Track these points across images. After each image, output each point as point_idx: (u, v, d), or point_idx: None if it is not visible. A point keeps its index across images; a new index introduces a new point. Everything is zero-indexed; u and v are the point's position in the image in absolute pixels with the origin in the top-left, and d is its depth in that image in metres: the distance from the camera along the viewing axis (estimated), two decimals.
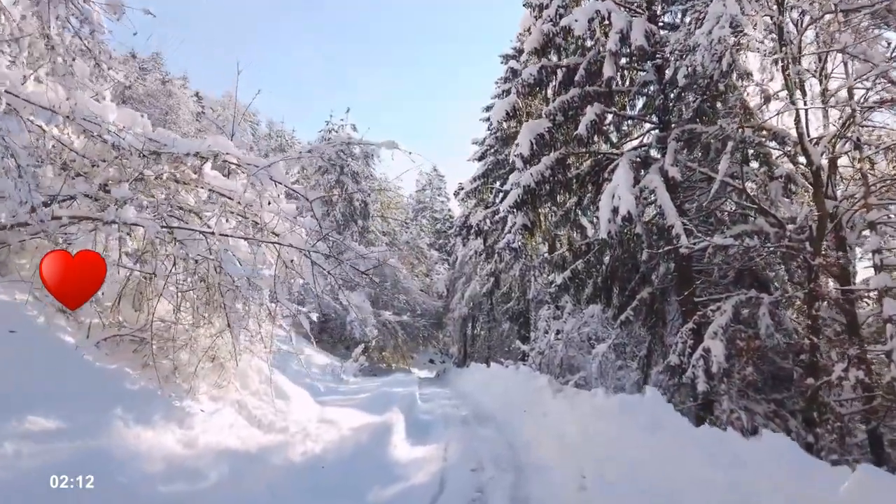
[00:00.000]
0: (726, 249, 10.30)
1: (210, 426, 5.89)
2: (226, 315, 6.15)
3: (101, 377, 5.27)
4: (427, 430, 10.47)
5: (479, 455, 8.02)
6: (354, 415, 9.18)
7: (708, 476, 4.64)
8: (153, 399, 5.52)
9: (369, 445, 7.07)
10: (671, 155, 10.14)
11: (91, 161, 5.78)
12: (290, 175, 6.38)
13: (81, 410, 4.67)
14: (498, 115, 12.52)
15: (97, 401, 4.96)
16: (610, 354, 14.75)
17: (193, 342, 6.37)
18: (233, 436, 6.12)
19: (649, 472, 5.25)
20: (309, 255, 6.04)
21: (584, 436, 6.86)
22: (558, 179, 11.65)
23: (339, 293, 6.78)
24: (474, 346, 34.51)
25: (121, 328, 6.12)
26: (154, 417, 5.22)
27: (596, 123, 10.87)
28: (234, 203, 6.06)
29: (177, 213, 6.02)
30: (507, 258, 26.77)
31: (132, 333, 6.08)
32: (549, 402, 9.84)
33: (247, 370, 7.41)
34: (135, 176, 5.41)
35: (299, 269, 6.39)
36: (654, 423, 5.72)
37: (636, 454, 5.49)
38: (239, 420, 6.61)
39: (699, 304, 10.89)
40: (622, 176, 9.76)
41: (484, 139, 28.96)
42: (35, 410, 4.32)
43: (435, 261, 47.66)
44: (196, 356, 6.38)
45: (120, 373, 5.56)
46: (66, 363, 5.23)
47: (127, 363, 5.86)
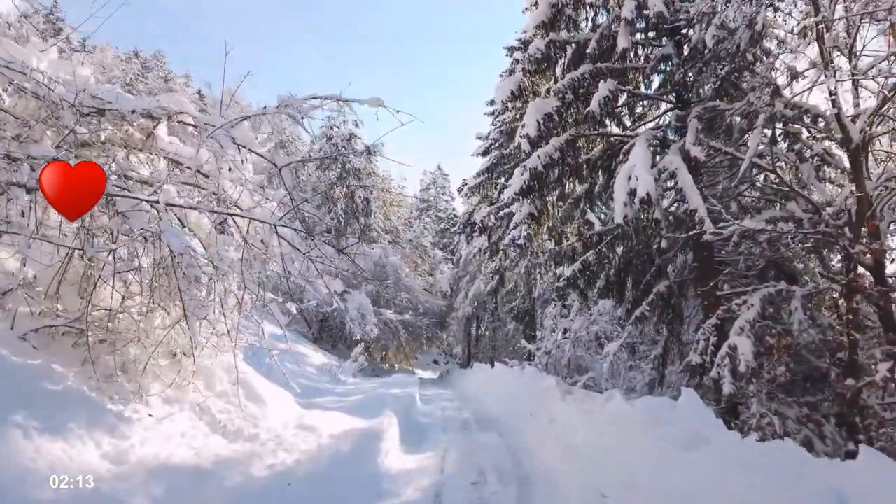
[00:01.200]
0: (753, 238, 9.36)
1: (154, 435, 4.96)
2: (182, 302, 5.24)
3: (12, 375, 4.35)
4: (424, 436, 9.58)
5: (480, 465, 7.11)
6: (341, 419, 8.23)
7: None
8: (78, 402, 4.56)
9: (352, 455, 6.11)
10: (693, 133, 9.18)
11: (23, 120, 4.89)
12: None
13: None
14: (502, 95, 11.54)
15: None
16: (622, 354, 13.86)
17: (144, 335, 5.46)
18: (184, 446, 5.18)
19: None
20: (276, 229, 5.09)
21: (601, 448, 5.86)
22: (568, 163, 10.68)
23: (320, 280, 5.81)
24: (478, 346, 33.87)
25: (55, 318, 5.21)
26: (70, 425, 4.27)
27: (609, 100, 9.91)
28: (185, 169, 5.15)
29: (127, 185, 5.12)
30: (513, 255, 25.97)
31: (68, 324, 5.15)
32: (557, 406, 8.90)
33: (213, 368, 6.48)
34: (65, 134, 4.52)
35: (271, 249, 5.45)
36: (695, 436, 4.66)
37: (676, 478, 4.34)
38: (198, 427, 5.68)
39: (722, 298, 9.95)
40: (639, 155, 8.81)
41: (488, 134, 28.21)
42: None
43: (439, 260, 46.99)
44: (147, 351, 5.47)
45: (42, 370, 4.63)
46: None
47: (60, 359, 4.95)
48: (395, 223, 40.59)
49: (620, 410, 6.29)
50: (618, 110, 11.70)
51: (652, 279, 11.43)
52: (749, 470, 3.82)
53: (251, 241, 5.43)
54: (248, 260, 5.57)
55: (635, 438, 5.28)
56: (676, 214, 11.03)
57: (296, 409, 8.36)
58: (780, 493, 3.51)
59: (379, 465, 6.31)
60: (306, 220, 5.65)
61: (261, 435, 6.25)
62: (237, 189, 5.34)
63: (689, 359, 9.63)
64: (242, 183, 5.24)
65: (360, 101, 4.97)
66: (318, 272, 5.69)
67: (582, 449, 6.21)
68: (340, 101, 4.99)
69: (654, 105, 12.23)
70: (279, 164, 5.13)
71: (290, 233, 5.46)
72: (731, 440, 4.53)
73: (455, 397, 17.37)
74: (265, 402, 7.18)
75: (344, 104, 5.02)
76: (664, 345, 11.94)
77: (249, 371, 7.62)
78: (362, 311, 25.74)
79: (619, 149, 10.94)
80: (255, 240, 5.49)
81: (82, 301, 5.29)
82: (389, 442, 7.47)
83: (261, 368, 7.82)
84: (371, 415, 8.87)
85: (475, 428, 10.33)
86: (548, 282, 26.10)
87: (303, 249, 5.45)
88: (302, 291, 24.87)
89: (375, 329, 25.93)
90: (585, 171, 11.37)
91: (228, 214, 5.19)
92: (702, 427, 4.80)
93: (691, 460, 4.36)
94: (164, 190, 4.71)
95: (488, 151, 27.46)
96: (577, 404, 8.20)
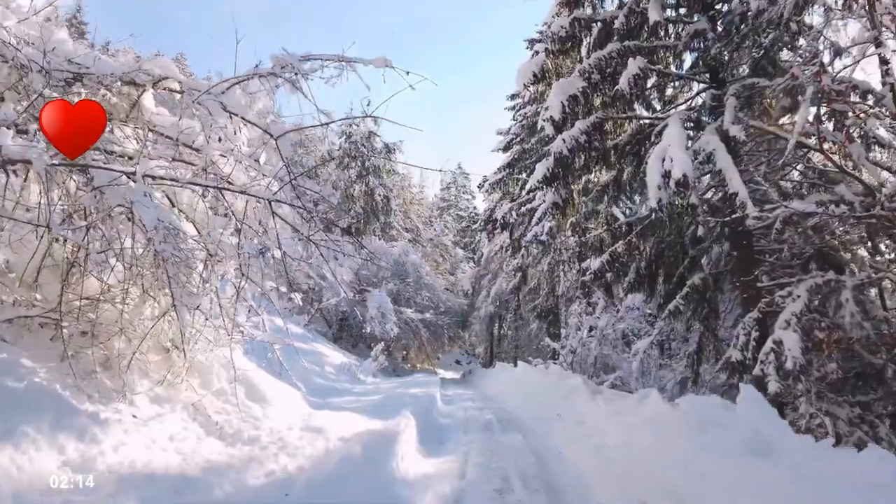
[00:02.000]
0: (798, 224, 8.65)
1: (134, 438, 4.41)
2: (170, 290, 4.71)
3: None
4: (443, 438, 8.99)
5: (504, 469, 6.50)
6: (353, 420, 7.63)
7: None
8: (42, 402, 4.00)
9: (363, 459, 5.50)
10: (731, 112, 8.48)
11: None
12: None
13: None
14: (524, 78, 10.90)
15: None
16: (652, 351, 13.19)
17: (130, 326, 4.93)
18: (170, 451, 4.62)
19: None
20: (271, 205, 4.53)
21: (639, 452, 5.19)
22: (595, 147, 10.01)
23: (325, 267, 5.24)
24: (501, 345, 33.35)
25: (31, 308, 4.71)
26: (24, 428, 3.70)
27: (639, 79, 9.24)
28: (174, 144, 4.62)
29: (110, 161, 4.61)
30: (535, 251, 25.40)
31: (44, 315, 4.65)
32: (586, 407, 8.29)
33: (210, 364, 5.93)
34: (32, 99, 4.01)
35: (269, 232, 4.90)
36: (757, 440, 3.99)
37: (736, 489, 3.59)
38: (190, 428, 5.13)
39: (762, 290, 9.24)
40: (674, 134, 8.14)
41: (509, 129, 27.68)
42: None
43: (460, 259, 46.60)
44: (132, 345, 4.95)
45: (4, 365, 4.12)
46: None
47: (34, 353, 4.45)
48: (416, 222, 40.23)
49: (659, 411, 5.64)
50: (647, 92, 11.01)
51: (685, 271, 10.74)
52: (837, 486, 3.11)
53: (248, 223, 4.88)
54: (245, 244, 5.03)
55: (681, 442, 4.61)
56: (711, 202, 10.34)
57: (304, 409, 7.78)
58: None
59: (393, 471, 5.72)
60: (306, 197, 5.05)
61: (262, 437, 5.67)
62: (230, 163, 4.80)
63: (729, 355, 8.93)
64: (236, 156, 4.69)
65: (364, 60, 4.41)
66: (324, 257, 5.14)
67: (616, 453, 5.56)
68: (343, 60, 4.44)
69: (686, 87, 11.50)
70: (274, 134, 4.59)
71: (290, 212, 4.91)
72: (803, 446, 3.81)
73: (477, 397, 16.77)
74: (269, 402, 6.60)
75: (347, 64, 4.46)
76: (698, 341, 11.23)
77: (252, 367, 7.07)
78: (382, 310, 25.32)
79: (649, 132, 10.26)
80: (252, 222, 4.94)
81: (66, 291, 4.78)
82: (406, 444, 6.90)
83: (270, 366, 7.24)
84: (387, 415, 8.29)
85: (498, 429, 9.72)
86: (571, 279, 25.49)
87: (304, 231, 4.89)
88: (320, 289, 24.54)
89: (395, 328, 25.50)
90: (613, 158, 10.68)
91: (216, 188, 4.64)
92: (764, 430, 4.12)
93: (756, 469, 3.67)
94: (143, 160, 4.18)
95: (509, 147, 26.92)
96: (608, 405, 7.57)
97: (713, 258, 11.15)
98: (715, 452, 4.06)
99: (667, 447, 4.80)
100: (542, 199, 11.17)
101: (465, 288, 36.60)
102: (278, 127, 4.64)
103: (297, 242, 5.21)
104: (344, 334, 27.37)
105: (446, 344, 38.85)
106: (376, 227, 33.29)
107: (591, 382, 11.05)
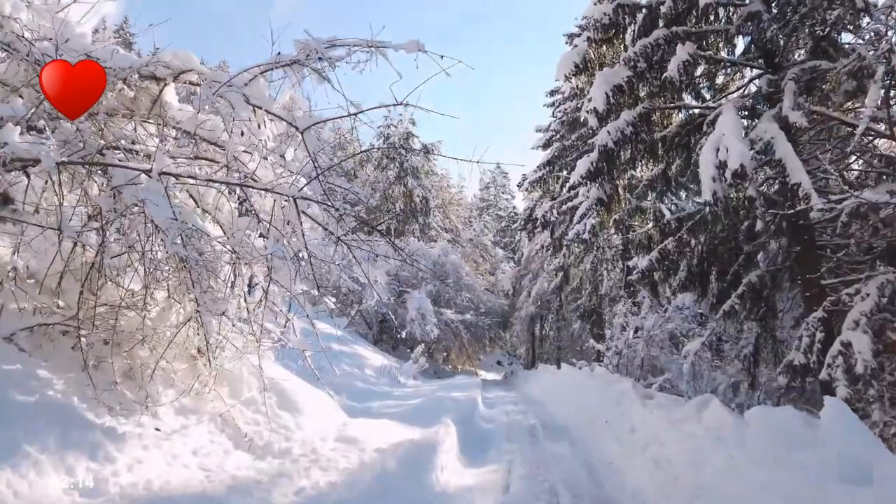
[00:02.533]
0: (865, 216, 8.03)
1: (154, 455, 4.14)
2: (194, 295, 4.44)
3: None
4: (486, 445, 8.62)
5: (551, 482, 6.09)
6: (391, 428, 7.29)
7: None
8: (52, 417, 3.73)
9: (400, 473, 5.14)
10: (790, 97, 7.89)
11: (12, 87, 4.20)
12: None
13: None
14: (565, 69, 10.40)
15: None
16: (704, 353, 12.55)
17: (152, 334, 4.68)
18: (193, 467, 4.34)
19: None
20: (296, 203, 4.20)
21: (706, 469, 4.69)
22: (642, 139, 9.50)
23: (358, 269, 4.90)
24: (543, 346, 32.80)
25: (51, 315, 4.49)
26: (27, 448, 3.44)
27: (688, 65, 8.70)
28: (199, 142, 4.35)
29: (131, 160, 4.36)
30: (577, 250, 24.81)
31: (64, 322, 4.44)
32: (638, 413, 7.79)
33: (240, 372, 5.67)
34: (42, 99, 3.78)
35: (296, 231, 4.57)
36: (852, 466, 3.40)
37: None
38: (218, 441, 4.86)
39: (826, 287, 8.63)
40: (729, 122, 7.60)
41: (549, 126, 27.18)
42: None
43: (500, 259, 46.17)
44: (156, 353, 4.69)
45: (16, 377, 3.89)
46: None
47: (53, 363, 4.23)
48: (455, 222, 39.94)
49: (723, 421, 5.12)
50: (696, 81, 10.44)
51: (740, 269, 10.13)
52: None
53: (275, 224, 4.58)
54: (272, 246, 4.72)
55: (759, 461, 4.06)
56: (767, 195, 9.72)
57: (339, 418, 7.45)
58: None
59: (432, 485, 5.37)
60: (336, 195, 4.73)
61: (293, 450, 5.36)
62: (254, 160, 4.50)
63: (791, 358, 8.35)
64: (260, 152, 4.39)
65: (395, 45, 4.06)
66: (356, 258, 4.81)
67: (681, 471, 5.05)
68: (372, 46, 4.10)
69: (738, 74, 10.88)
70: (300, 127, 4.28)
71: (320, 212, 4.60)
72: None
73: (519, 400, 16.33)
74: (301, 411, 6.28)
75: (376, 50, 4.12)
76: (755, 343, 10.58)
77: (285, 375, 6.80)
78: (422, 311, 25.05)
79: (699, 123, 9.68)
80: (279, 223, 4.64)
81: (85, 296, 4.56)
82: (446, 455, 6.54)
83: (304, 372, 6.86)
84: (427, 422, 7.94)
85: (543, 436, 9.29)
86: (615, 278, 24.86)
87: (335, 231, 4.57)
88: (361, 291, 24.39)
89: (436, 329, 25.20)
90: (661, 150, 10.15)
91: (238, 185, 4.36)
92: (857, 451, 3.58)
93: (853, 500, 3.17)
94: (159, 156, 3.92)
95: (549, 144, 26.41)
96: (662, 411, 7.08)
97: (770, 255, 10.53)
98: (805, 474, 3.52)
99: (743, 465, 4.22)
100: (584, 195, 10.68)
101: (506, 288, 36.15)
102: (304, 120, 4.33)
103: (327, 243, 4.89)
104: (384, 336, 27.19)
105: (487, 345, 38.46)
106: (415, 228, 33.14)
107: (640, 386, 10.51)
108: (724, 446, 4.63)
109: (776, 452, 3.87)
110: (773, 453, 3.90)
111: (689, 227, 10.08)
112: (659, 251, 10.12)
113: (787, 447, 3.83)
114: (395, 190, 32.23)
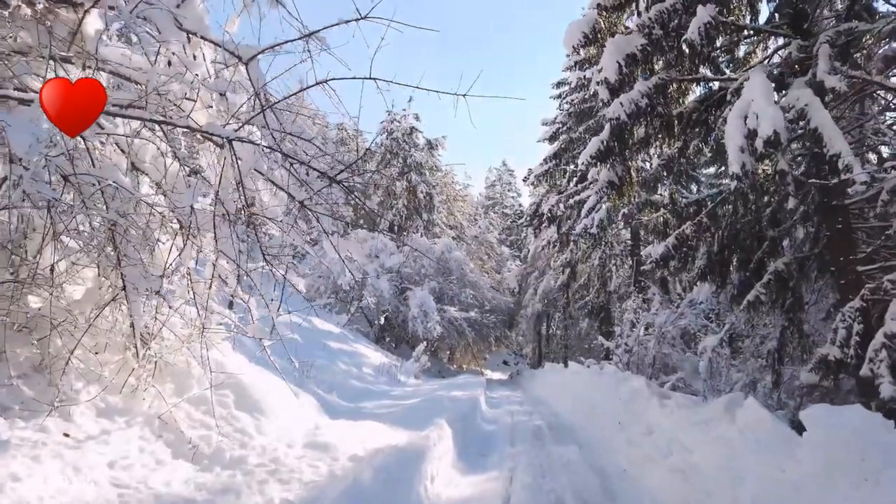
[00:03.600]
0: None
1: (49, 469, 3.23)
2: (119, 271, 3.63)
3: None
4: (487, 448, 7.81)
5: (558, 492, 5.29)
6: (375, 432, 6.38)
7: None
8: None
9: (374, 488, 4.25)
10: (825, 61, 7.04)
11: None
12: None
13: None
14: (573, 40, 9.49)
15: None
16: (722, 349, 11.73)
17: (67, 317, 3.86)
18: (103, 484, 3.42)
19: None
20: (231, 146, 3.33)
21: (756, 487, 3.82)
22: (658, 113, 8.65)
23: (327, 242, 4.05)
24: (549, 345, 32.08)
25: None
26: None
27: (710, 28, 7.85)
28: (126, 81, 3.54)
29: None
30: (584, 246, 24.02)
31: None
32: (653, 414, 6.96)
33: (188, 365, 4.83)
34: None
35: (238, 189, 3.74)
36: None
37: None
38: (149, 450, 3.97)
39: (863, 275, 7.78)
40: (758, 87, 6.75)
41: (555, 118, 26.38)
42: None
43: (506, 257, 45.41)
44: (73, 340, 3.87)
45: None
46: None
47: None
48: (459, 219, 39.24)
49: (762, 423, 4.29)
50: (716, 53, 9.59)
51: (764, 256, 9.27)
52: None
53: (178, 158, 3.74)
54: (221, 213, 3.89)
55: (832, 478, 3.18)
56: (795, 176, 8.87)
57: (315, 420, 6.52)
58: None
59: (418, 499, 4.55)
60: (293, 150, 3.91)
61: (249, 458, 4.47)
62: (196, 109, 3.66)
63: (825, 352, 7.50)
64: (188, 83, 3.54)
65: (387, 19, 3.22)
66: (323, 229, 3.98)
67: (709, 480, 4.24)
68: None
69: (762, 45, 10.02)
70: (244, 57, 3.48)
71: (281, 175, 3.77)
72: None
73: (525, 400, 15.52)
74: (264, 411, 5.36)
75: None
76: (780, 337, 9.70)
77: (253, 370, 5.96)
78: (424, 309, 24.32)
79: (720, 97, 8.82)
80: (229, 184, 3.81)
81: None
82: (437, 462, 5.71)
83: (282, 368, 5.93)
84: (419, 424, 7.09)
85: (549, 438, 8.47)
86: (624, 274, 24.13)
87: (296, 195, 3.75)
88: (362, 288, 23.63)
89: (438, 327, 24.46)
90: (677, 128, 9.29)
91: (158, 123, 3.51)
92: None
93: None
94: None
95: (555, 137, 25.58)
96: (683, 412, 6.24)
97: (796, 241, 9.66)
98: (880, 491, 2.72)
99: (814, 489, 3.30)
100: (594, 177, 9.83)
101: (512, 286, 35.38)
102: (248, 49, 3.53)
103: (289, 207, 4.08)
104: (386, 334, 26.46)
105: (493, 344, 37.75)
106: (419, 225, 32.38)
107: (654, 384, 9.68)
108: (769, 455, 3.79)
109: (864, 468, 3.00)
110: (859, 469, 3.02)
111: (710, 211, 9.21)
112: (676, 237, 9.23)
113: (881, 462, 2.97)
114: (398, 186, 31.47)
